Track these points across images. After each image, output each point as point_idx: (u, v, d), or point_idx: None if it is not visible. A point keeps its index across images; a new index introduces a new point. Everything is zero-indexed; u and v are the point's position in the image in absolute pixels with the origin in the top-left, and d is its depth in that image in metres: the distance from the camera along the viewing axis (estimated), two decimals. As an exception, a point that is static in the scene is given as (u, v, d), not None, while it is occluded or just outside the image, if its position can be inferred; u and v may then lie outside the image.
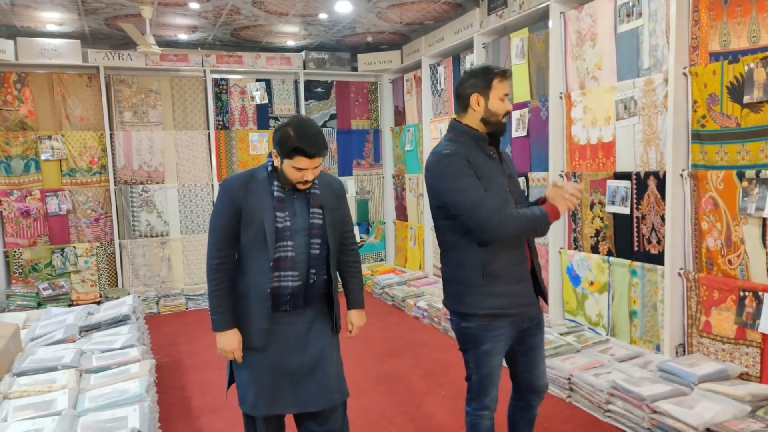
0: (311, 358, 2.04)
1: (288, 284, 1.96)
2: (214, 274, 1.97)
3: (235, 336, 1.99)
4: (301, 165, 1.89)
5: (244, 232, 1.96)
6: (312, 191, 2.01)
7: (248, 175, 2.01)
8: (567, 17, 3.88)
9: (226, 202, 1.96)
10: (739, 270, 2.89)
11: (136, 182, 5.83)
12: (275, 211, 1.93)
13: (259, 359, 2.01)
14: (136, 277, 5.85)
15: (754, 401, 2.55)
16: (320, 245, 2.01)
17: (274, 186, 1.95)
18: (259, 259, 1.95)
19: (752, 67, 2.72)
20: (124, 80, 5.74)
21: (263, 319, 1.96)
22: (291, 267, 1.95)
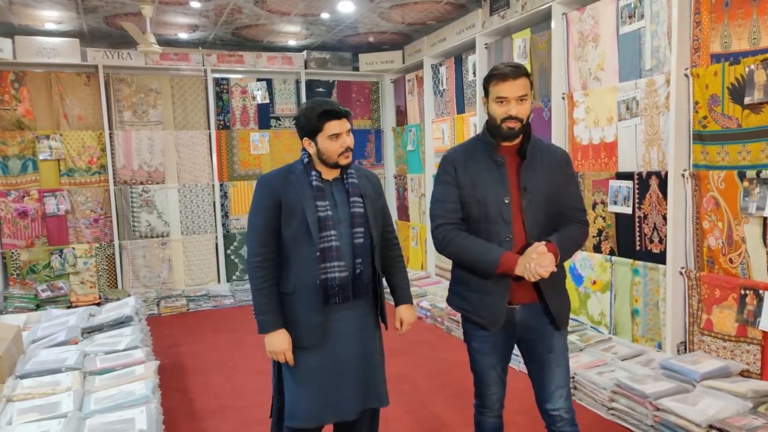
0: (366, 357, 2.01)
1: (335, 275, 1.91)
2: (258, 272, 1.93)
3: (286, 336, 1.93)
4: (334, 130, 1.90)
5: (285, 225, 1.93)
6: (350, 180, 2.00)
7: (285, 169, 2.01)
8: (569, 18, 3.91)
9: (266, 195, 1.94)
10: (740, 268, 2.92)
11: (136, 182, 5.81)
12: (316, 201, 1.91)
13: (311, 360, 1.94)
14: (137, 278, 5.83)
15: (756, 398, 2.58)
16: (363, 234, 1.98)
17: (312, 176, 1.94)
18: (304, 251, 1.91)
19: (753, 69, 2.75)
20: (123, 79, 5.73)
21: (315, 313, 1.91)
22: (337, 257, 1.92)
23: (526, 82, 1.88)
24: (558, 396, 1.96)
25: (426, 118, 5.92)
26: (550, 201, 1.92)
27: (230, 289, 5.90)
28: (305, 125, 1.94)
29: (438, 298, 4.96)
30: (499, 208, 1.89)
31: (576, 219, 1.98)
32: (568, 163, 2.02)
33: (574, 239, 1.96)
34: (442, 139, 5.70)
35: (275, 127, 6.35)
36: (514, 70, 1.87)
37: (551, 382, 1.96)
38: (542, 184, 1.91)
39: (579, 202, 2.03)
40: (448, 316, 4.49)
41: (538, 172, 1.92)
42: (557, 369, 1.96)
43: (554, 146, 2.10)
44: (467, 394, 3.32)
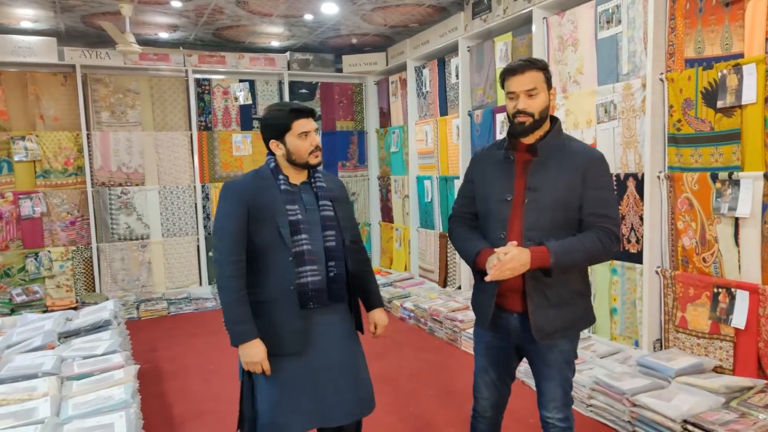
0: (350, 361, 1.99)
1: (308, 279, 1.89)
2: (232, 281, 1.86)
3: (262, 346, 1.87)
4: (303, 128, 1.90)
5: (257, 232, 1.88)
6: (318, 184, 2.00)
7: (252, 174, 1.99)
8: (549, 23, 3.97)
9: (236, 202, 1.88)
10: (713, 267, 2.99)
11: (115, 184, 5.73)
12: (286, 205, 1.90)
13: (293, 367, 1.90)
14: (115, 281, 5.75)
15: (728, 393, 2.65)
16: (335, 237, 1.97)
17: (280, 180, 1.93)
18: (278, 257, 1.88)
19: (725, 74, 2.82)
20: (100, 79, 5.65)
21: (295, 318, 1.88)
22: (310, 261, 1.90)
23: (535, 76, 1.82)
24: (552, 407, 1.93)
25: (409, 119, 5.95)
26: (560, 204, 1.80)
27: (212, 291, 5.84)
28: (273, 126, 1.93)
29: (421, 299, 4.99)
30: (499, 206, 1.86)
31: (596, 225, 1.79)
32: (593, 167, 1.82)
33: (582, 248, 1.77)
34: (425, 141, 5.73)
35: (258, 129, 6.31)
36: (522, 64, 1.84)
37: (546, 393, 1.95)
38: (552, 186, 1.80)
39: (603, 207, 1.80)
40: (431, 316, 4.52)
41: (552, 172, 1.81)
42: (551, 383, 1.92)
43: (584, 148, 1.90)
44: (449, 394, 3.36)
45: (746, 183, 2.76)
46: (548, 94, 1.85)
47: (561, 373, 1.91)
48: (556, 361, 1.90)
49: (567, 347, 1.91)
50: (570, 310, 1.85)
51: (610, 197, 1.85)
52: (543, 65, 1.86)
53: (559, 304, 1.82)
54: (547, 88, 1.85)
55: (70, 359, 2.78)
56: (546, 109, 1.85)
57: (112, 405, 2.19)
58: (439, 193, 5.54)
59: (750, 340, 2.79)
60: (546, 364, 1.92)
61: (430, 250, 5.75)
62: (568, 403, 1.95)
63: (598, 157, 1.86)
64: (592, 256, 1.81)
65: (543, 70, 1.85)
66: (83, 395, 2.31)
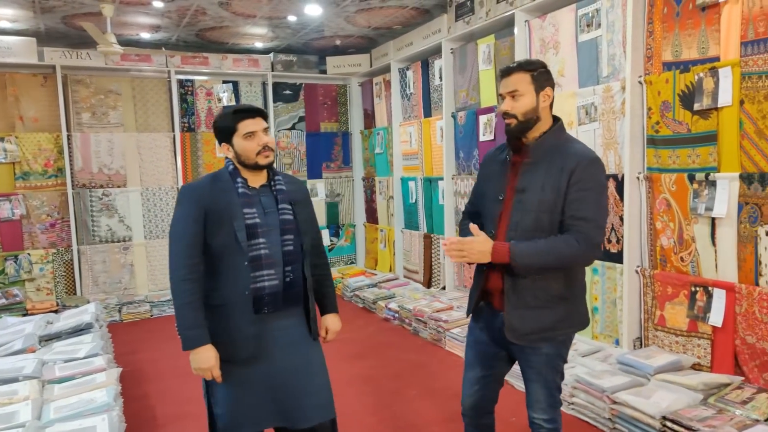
0: (304, 366, 1.97)
1: (265, 284, 1.87)
2: (184, 285, 1.82)
3: (213, 352, 1.84)
4: (248, 128, 1.88)
5: (213, 235, 1.86)
6: (278, 187, 1.98)
7: (211, 177, 1.96)
8: (531, 26, 4.02)
9: (192, 204, 1.86)
10: (691, 266, 3.05)
11: (96, 185, 5.67)
12: (243, 208, 1.87)
13: (247, 372, 1.88)
14: (96, 284, 5.68)
15: (706, 390, 2.70)
16: (293, 241, 1.95)
17: (238, 183, 1.91)
18: (234, 261, 1.86)
19: (702, 77, 2.89)
20: (81, 80, 5.58)
21: (249, 324, 1.85)
22: (267, 266, 1.87)
23: (520, 78, 1.82)
24: (538, 408, 1.95)
25: (393, 121, 5.97)
26: (544, 205, 1.79)
27: (195, 293, 5.80)
28: (221, 128, 1.93)
29: (406, 300, 5.01)
30: (492, 204, 1.91)
31: (573, 228, 1.76)
32: (583, 169, 1.78)
33: (550, 251, 1.75)
34: (409, 142, 5.76)
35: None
36: (509, 66, 1.87)
37: (531, 394, 1.97)
38: (539, 187, 1.80)
39: (582, 210, 1.76)
40: (415, 317, 4.54)
41: (540, 173, 1.81)
42: (536, 384, 1.93)
43: (578, 149, 1.85)
44: (431, 394, 3.38)
45: (722, 184, 2.83)
46: (537, 95, 1.83)
47: (544, 376, 1.91)
48: (540, 364, 1.90)
49: (551, 351, 1.90)
50: (548, 313, 1.84)
51: (594, 200, 1.78)
52: (531, 66, 1.84)
53: (537, 306, 1.82)
54: (536, 89, 1.83)
55: (51, 362, 2.75)
56: (532, 111, 1.83)
57: (94, 408, 2.17)
58: (423, 195, 5.56)
59: (727, 337, 2.85)
60: (529, 366, 1.94)
61: (415, 250, 5.77)
62: (554, 405, 1.96)
63: (589, 160, 1.80)
64: (563, 260, 1.77)
65: (531, 71, 1.83)
66: (65, 398, 2.29)
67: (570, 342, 1.98)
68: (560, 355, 1.94)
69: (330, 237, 6.82)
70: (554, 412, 1.97)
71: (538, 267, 1.77)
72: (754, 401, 2.53)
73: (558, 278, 1.83)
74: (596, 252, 1.79)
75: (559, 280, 1.83)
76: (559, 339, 1.90)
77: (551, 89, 1.87)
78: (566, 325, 1.89)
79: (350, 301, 5.75)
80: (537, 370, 1.91)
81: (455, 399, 3.24)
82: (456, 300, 4.74)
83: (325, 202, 6.78)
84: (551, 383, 1.94)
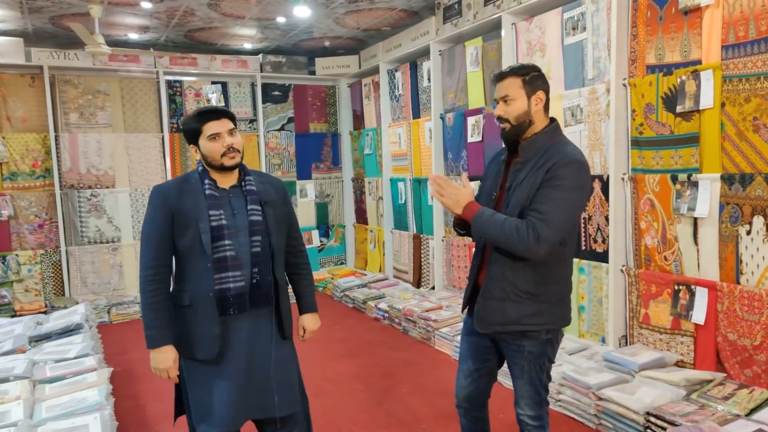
0: (266, 364, 1.97)
1: (230, 285, 1.89)
2: (149, 286, 1.86)
3: (172, 352, 1.89)
4: (213, 130, 1.88)
5: (180, 237, 1.88)
6: (248, 187, 1.97)
7: (181, 179, 1.97)
8: (518, 28, 4.07)
9: (159, 205, 1.89)
10: (674, 265, 3.12)
11: (84, 186, 5.64)
12: (209, 210, 1.88)
13: (214, 370, 1.90)
14: (85, 285, 5.66)
15: (689, 386, 2.77)
16: (261, 243, 1.94)
17: (206, 185, 1.91)
18: (199, 262, 1.87)
19: (684, 80, 2.95)
20: (69, 80, 5.56)
21: (213, 324, 1.87)
22: (233, 267, 1.88)
23: (511, 83, 1.88)
24: (524, 404, 1.98)
25: (383, 122, 6.01)
26: (524, 201, 1.84)
27: (184, 294, 5.80)
28: (187, 131, 1.94)
29: (395, 300, 5.04)
30: (488, 202, 1.99)
31: (527, 217, 1.80)
32: (557, 168, 1.80)
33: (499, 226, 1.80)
34: (398, 143, 5.79)
35: (230, 131, 6.28)
36: (501, 72, 1.93)
37: (516, 390, 2.01)
38: (521, 186, 1.86)
39: (541, 204, 1.79)
40: (405, 316, 4.58)
41: (527, 172, 1.86)
42: (520, 380, 1.97)
43: (561, 150, 1.86)
44: (421, 391, 3.42)
45: (704, 184, 2.90)
46: (528, 99, 1.87)
47: (528, 373, 1.95)
48: (523, 361, 1.94)
49: (534, 349, 1.93)
50: (512, 306, 1.88)
51: (557, 197, 1.79)
52: (522, 71, 1.89)
53: (502, 298, 1.88)
54: (528, 93, 1.87)
55: (42, 363, 2.75)
56: (524, 114, 1.88)
57: (86, 407, 2.18)
58: (413, 195, 5.61)
59: (709, 334, 2.92)
60: (514, 362, 1.98)
61: (404, 251, 5.81)
62: (539, 403, 1.99)
63: (569, 161, 1.81)
64: (503, 236, 1.80)
65: (522, 75, 1.88)
66: (56, 398, 2.29)
67: (556, 342, 2.01)
68: (544, 354, 1.96)
69: (320, 237, 6.84)
70: (540, 409, 2.01)
71: (488, 237, 1.85)
72: (735, 397, 2.60)
73: (527, 275, 1.86)
74: (540, 245, 1.76)
75: (527, 277, 1.86)
76: (542, 338, 1.92)
77: (543, 92, 1.91)
78: (536, 321, 1.89)
79: (340, 301, 5.77)
80: (520, 366, 1.95)
81: (445, 396, 3.30)
82: (445, 300, 4.78)
83: (314, 203, 6.80)
84: (536, 381, 1.97)
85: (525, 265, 1.85)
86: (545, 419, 2.02)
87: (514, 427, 2.18)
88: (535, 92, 1.88)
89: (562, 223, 1.79)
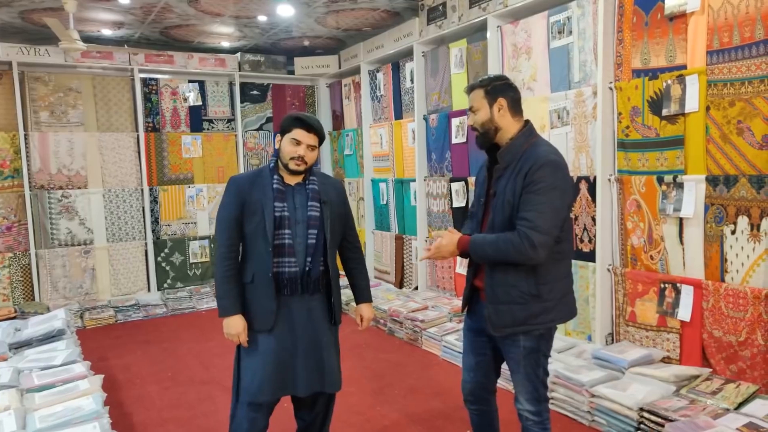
0: (314, 343, 2.18)
1: (285, 270, 2.12)
2: (223, 261, 2.12)
3: (241, 320, 2.12)
4: (297, 136, 2.12)
5: (247, 222, 2.13)
6: (310, 186, 2.20)
7: (255, 172, 2.23)
8: (503, 31, 4.12)
9: (234, 193, 2.15)
10: (660, 264, 3.21)
11: (55, 187, 5.44)
12: (274, 202, 2.12)
13: (265, 342, 2.12)
14: (56, 289, 5.45)
15: (678, 381, 2.85)
16: (317, 236, 2.16)
17: (274, 180, 2.15)
18: (261, 246, 2.12)
19: (670, 84, 3.04)
20: (39, 77, 5.35)
21: (270, 300, 2.11)
22: (289, 254, 2.12)
23: (475, 94, 2.05)
24: (523, 399, 2.05)
25: (363, 122, 5.99)
26: (507, 207, 1.93)
27: (161, 297, 5.66)
28: (283, 123, 2.19)
29: (379, 301, 5.03)
30: (477, 208, 2.12)
31: (517, 226, 1.88)
32: (534, 172, 1.88)
33: (493, 245, 1.90)
34: (380, 144, 5.79)
35: (208, 130, 6.17)
36: (470, 85, 2.09)
37: (515, 385, 2.07)
38: (505, 190, 1.94)
39: (527, 212, 1.87)
40: (391, 317, 4.57)
41: (508, 178, 1.94)
42: (517, 375, 2.04)
43: (536, 153, 1.94)
44: (413, 392, 3.42)
45: (689, 186, 2.99)
46: (490, 107, 2.01)
47: (524, 368, 2.01)
48: (518, 356, 2.01)
49: (529, 344, 1.99)
50: (521, 308, 1.95)
51: (539, 202, 1.86)
52: (485, 82, 2.05)
53: (509, 302, 1.96)
54: (489, 102, 2.01)
55: (27, 371, 2.63)
56: (488, 122, 2.02)
57: (83, 416, 2.10)
58: (395, 196, 5.61)
59: (695, 331, 3.01)
60: (510, 358, 2.05)
61: (386, 251, 5.81)
62: (538, 398, 2.05)
63: (542, 164, 1.88)
64: (501, 254, 1.90)
65: (484, 86, 2.04)
66: (49, 407, 2.20)
67: (550, 337, 2.07)
68: (538, 349, 2.02)
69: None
70: (539, 405, 2.05)
71: (487, 257, 1.96)
72: (723, 391, 2.68)
73: (528, 278, 1.93)
74: (538, 252, 1.85)
75: (529, 279, 1.93)
76: (536, 333, 1.98)
77: (504, 99, 2.02)
78: (543, 319, 1.97)
79: (322, 302, 5.71)
80: (516, 361, 2.03)
81: (439, 397, 3.31)
82: (430, 300, 4.80)
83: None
84: (533, 376, 2.03)
85: (526, 268, 1.92)
86: (545, 416, 2.07)
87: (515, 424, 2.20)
88: (495, 100, 2.01)
89: (551, 225, 1.88)
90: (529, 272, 1.92)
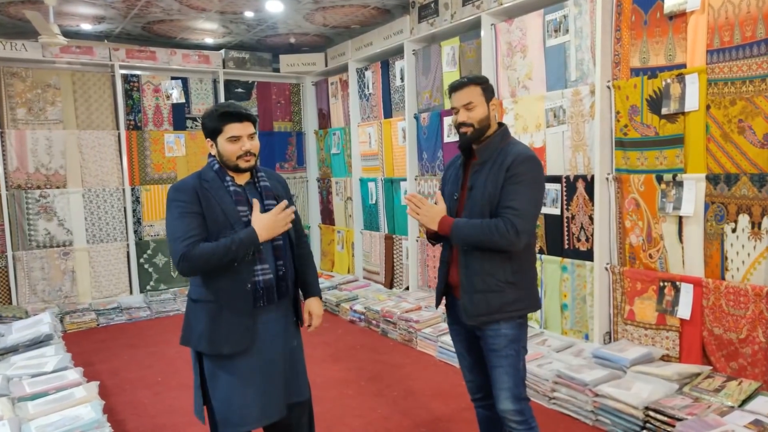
0: (290, 354, 2.03)
1: (260, 278, 1.92)
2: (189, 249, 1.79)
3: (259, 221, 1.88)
4: (234, 132, 1.88)
5: (212, 234, 1.86)
6: (262, 183, 2.01)
7: (195, 177, 1.95)
8: (498, 29, 4.10)
9: (187, 202, 1.85)
10: (659, 263, 3.22)
11: (32, 187, 5.24)
12: (237, 206, 1.90)
13: (240, 365, 1.90)
14: (34, 292, 5.25)
15: (680, 379, 2.85)
16: (282, 236, 1.98)
17: (227, 182, 1.93)
18: None
19: (669, 83, 3.05)
20: (16, 73, 5.15)
21: (245, 316, 1.88)
22: (260, 260, 1.92)
23: (472, 90, 2.04)
24: (504, 397, 2.01)
25: (351, 121, 5.92)
26: (487, 200, 1.98)
27: (144, 300, 5.50)
28: (207, 125, 1.94)
29: (371, 301, 4.97)
30: (451, 203, 2.10)
31: (500, 214, 1.93)
32: (517, 165, 1.95)
33: (478, 230, 1.93)
34: (368, 143, 5.72)
35: (191, 128, 6.02)
36: (461, 81, 2.07)
37: (495, 382, 2.03)
38: (485, 184, 1.99)
39: (513, 201, 1.93)
40: (384, 318, 4.51)
41: (487, 172, 2.00)
42: (499, 369, 2.01)
43: (517, 149, 2.02)
44: (412, 394, 3.38)
45: (689, 184, 3.00)
46: (487, 105, 2.05)
47: (506, 358, 2.01)
48: (500, 345, 2.01)
49: (510, 332, 2.01)
50: (495, 296, 1.98)
51: (524, 192, 1.94)
52: (481, 80, 2.06)
53: (485, 290, 1.98)
54: (486, 99, 2.05)
55: (17, 378, 2.50)
56: (486, 119, 2.04)
57: (83, 425, 2.00)
58: (384, 195, 5.55)
59: (695, 329, 3.03)
60: (490, 349, 2.03)
61: (375, 252, 5.75)
62: (519, 396, 2.02)
63: (524, 157, 1.97)
64: (486, 239, 1.93)
65: (480, 84, 2.05)
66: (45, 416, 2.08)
67: (526, 327, 2.10)
68: (519, 339, 2.04)
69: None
70: (520, 403, 2.03)
71: (470, 242, 1.97)
72: (726, 389, 2.70)
73: (504, 266, 1.98)
74: (521, 238, 1.92)
75: (506, 267, 1.99)
76: (516, 319, 2.02)
77: (496, 99, 2.13)
78: (519, 306, 2.02)
79: (311, 304, 5.62)
80: (498, 352, 2.02)
81: (439, 399, 3.27)
82: (422, 300, 4.76)
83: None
84: (514, 369, 2.02)
85: (502, 257, 1.98)
86: (528, 415, 2.05)
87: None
88: (491, 99, 2.08)
89: (533, 214, 1.98)
90: (505, 260, 1.98)
